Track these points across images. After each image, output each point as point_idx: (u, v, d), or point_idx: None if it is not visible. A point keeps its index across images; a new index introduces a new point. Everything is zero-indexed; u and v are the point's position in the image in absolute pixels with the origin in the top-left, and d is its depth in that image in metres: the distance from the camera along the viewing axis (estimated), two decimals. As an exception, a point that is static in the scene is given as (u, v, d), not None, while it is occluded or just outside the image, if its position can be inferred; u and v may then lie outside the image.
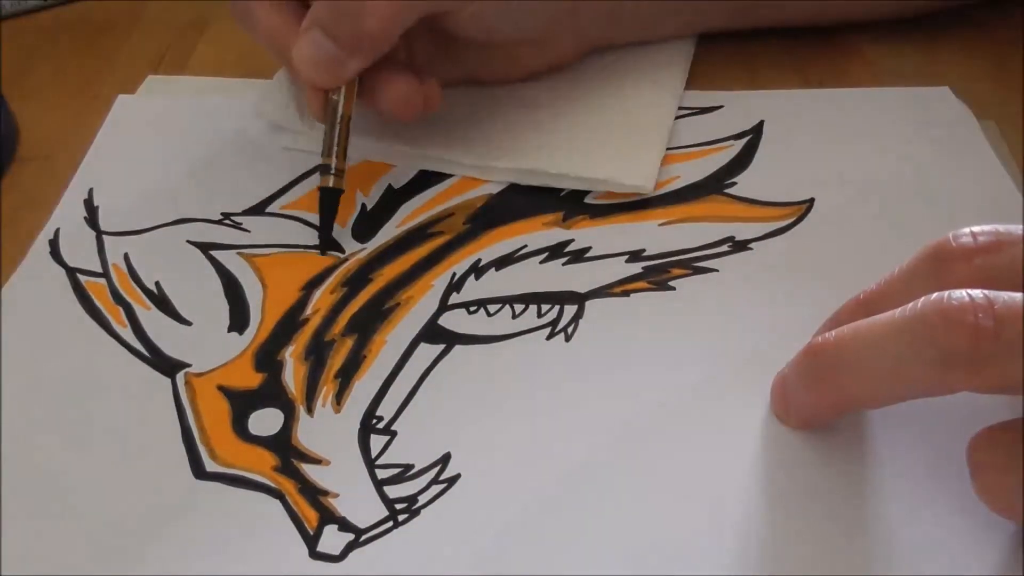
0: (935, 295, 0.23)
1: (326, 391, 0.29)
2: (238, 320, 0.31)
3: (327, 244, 0.34)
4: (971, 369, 0.22)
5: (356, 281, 0.33)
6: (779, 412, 0.28)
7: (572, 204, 0.35)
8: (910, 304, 0.23)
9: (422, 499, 0.26)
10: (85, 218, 0.35)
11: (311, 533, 0.26)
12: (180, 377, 0.30)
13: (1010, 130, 0.39)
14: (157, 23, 0.47)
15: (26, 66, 0.44)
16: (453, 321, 0.31)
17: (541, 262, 0.33)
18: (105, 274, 0.33)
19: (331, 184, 0.34)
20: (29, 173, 0.38)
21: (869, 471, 0.27)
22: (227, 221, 0.35)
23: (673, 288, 0.32)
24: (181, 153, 0.38)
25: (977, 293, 0.22)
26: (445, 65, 0.38)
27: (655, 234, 0.34)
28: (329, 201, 0.34)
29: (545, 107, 0.39)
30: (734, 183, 0.36)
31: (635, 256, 0.33)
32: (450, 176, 0.37)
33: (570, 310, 0.32)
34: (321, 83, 0.33)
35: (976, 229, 0.25)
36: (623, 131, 0.38)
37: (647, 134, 0.38)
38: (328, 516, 0.26)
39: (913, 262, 0.26)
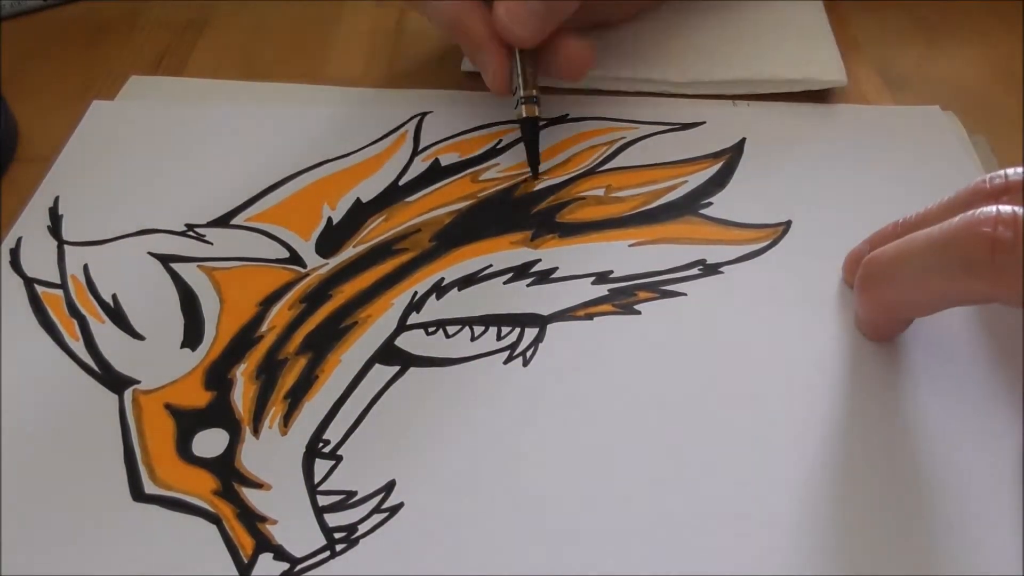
0: (968, 212, 0.25)
1: (274, 412, 0.29)
2: (192, 336, 0.31)
3: (536, 170, 0.36)
4: (990, 277, 0.24)
5: (315, 298, 0.32)
6: (859, 327, 0.31)
7: (542, 222, 0.34)
8: (946, 222, 0.25)
9: (362, 528, 0.26)
10: (48, 227, 0.34)
11: (245, 561, 0.25)
12: (128, 394, 0.29)
13: (1011, 136, 0.38)
14: (156, 23, 0.47)
15: (26, 66, 0.44)
16: (410, 342, 0.31)
17: (505, 282, 0.32)
18: (63, 285, 0.32)
19: (533, 113, 0.36)
20: (29, 173, 0.37)
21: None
22: (191, 233, 0.34)
23: (638, 312, 0.31)
24: (149, 162, 0.37)
25: (1006, 208, 0.24)
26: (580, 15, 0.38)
27: (624, 255, 0.33)
28: (530, 129, 0.36)
29: (707, 23, 0.43)
30: (710, 203, 0.35)
31: (601, 278, 0.32)
32: (423, 189, 0.36)
33: (531, 333, 0.31)
34: (525, 37, 0.35)
35: (1010, 170, 0.27)
36: (790, 33, 0.42)
37: (814, 33, 0.42)
38: (264, 544, 0.25)
39: (950, 198, 0.28)
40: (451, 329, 0.31)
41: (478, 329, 0.31)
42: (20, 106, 0.41)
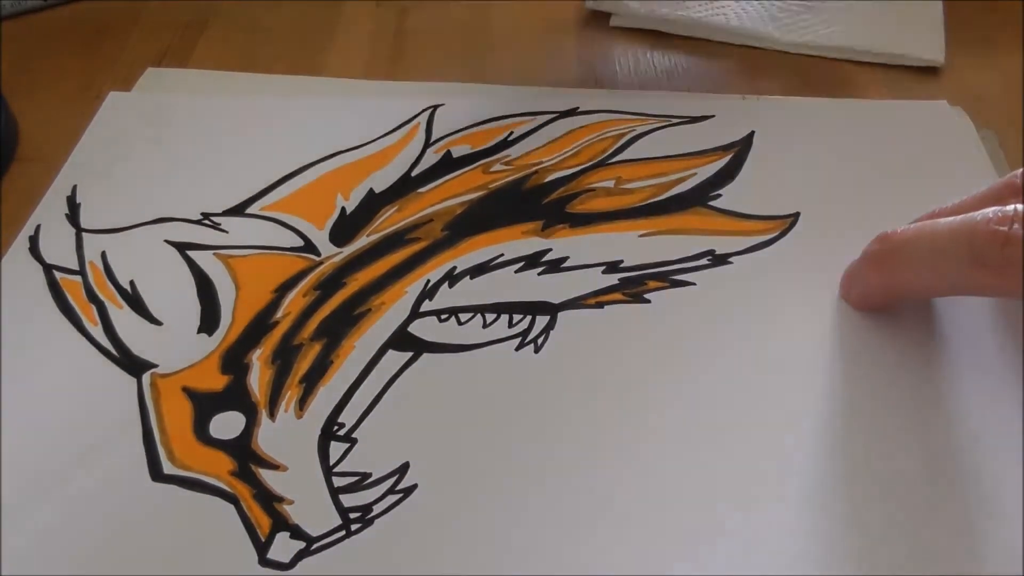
0: (992, 207, 0.25)
1: (290, 396, 0.29)
2: (208, 321, 0.31)
3: None
4: (997, 271, 0.24)
5: (329, 285, 0.32)
6: (843, 292, 0.31)
7: (552, 213, 0.35)
8: (969, 214, 0.26)
9: (376, 508, 0.26)
10: (67, 215, 0.35)
11: (262, 540, 0.25)
12: (146, 378, 0.30)
13: (1013, 136, 0.38)
14: (157, 23, 0.47)
15: (26, 66, 0.44)
16: (423, 329, 0.31)
17: (517, 271, 0.33)
18: (81, 272, 0.33)
19: None
20: (29, 173, 0.38)
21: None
22: (206, 221, 0.35)
23: (648, 301, 0.32)
24: (166, 152, 0.38)
25: (1020, 207, 0.24)
26: None
27: (634, 245, 0.34)
28: None
29: None
30: (719, 195, 0.35)
31: (612, 267, 0.33)
32: (435, 180, 0.36)
33: (542, 320, 0.31)
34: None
35: None
36: (899, 7, 0.42)
37: (923, 11, 0.43)
38: (281, 523, 0.26)
39: (983, 190, 0.28)
40: (463, 316, 0.31)
41: (490, 316, 0.31)
42: (20, 106, 0.41)
